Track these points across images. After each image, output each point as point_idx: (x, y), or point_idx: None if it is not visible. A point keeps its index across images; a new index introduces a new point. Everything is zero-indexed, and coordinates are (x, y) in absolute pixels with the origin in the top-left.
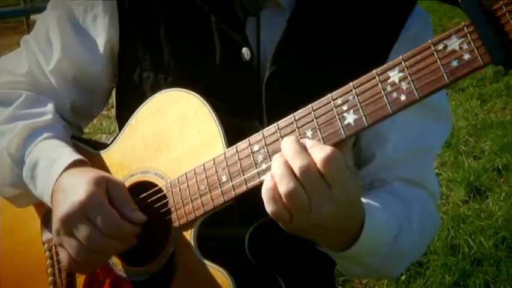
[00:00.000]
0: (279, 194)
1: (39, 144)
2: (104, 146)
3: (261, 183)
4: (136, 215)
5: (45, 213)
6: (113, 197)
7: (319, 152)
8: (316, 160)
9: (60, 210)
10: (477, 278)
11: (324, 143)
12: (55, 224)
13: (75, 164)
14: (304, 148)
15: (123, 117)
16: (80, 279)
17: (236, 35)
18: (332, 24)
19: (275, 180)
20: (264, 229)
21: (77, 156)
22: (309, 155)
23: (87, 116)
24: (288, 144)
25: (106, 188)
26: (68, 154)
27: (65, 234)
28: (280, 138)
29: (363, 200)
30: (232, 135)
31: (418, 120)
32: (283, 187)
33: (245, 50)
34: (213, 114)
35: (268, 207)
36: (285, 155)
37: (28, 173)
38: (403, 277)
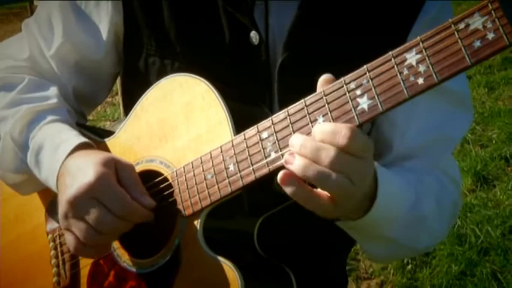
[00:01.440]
0: (312, 189)
1: (44, 128)
2: (109, 133)
3: (269, 173)
4: (146, 199)
5: (49, 203)
6: (122, 179)
7: (337, 134)
8: (339, 144)
9: (68, 192)
10: (484, 267)
11: None
12: (62, 207)
13: (81, 147)
14: (320, 141)
15: (129, 104)
16: (84, 271)
17: (244, 19)
18: (346, 9)
19: (311, 182)
20: (273, 220)
21: (82, 139)
22: (329, 144)
23: (91, 103)
24: (302, 143)
25: (115, 169)
26: (74, 137)
27: (73, 216)
28: (290, 125)
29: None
30: (241, 122)
31: (439, 109)
32: (328, 185)
33: (253, 34)
34: (221, 100)
35: (308, 207)
36: (307, 154)
37: (32, 157)
38: (409, 266)
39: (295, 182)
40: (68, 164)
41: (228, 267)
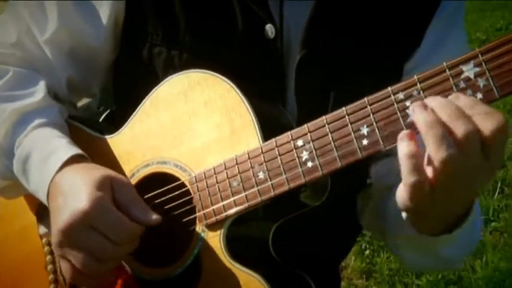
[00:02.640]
0: (422, 161)
1: (31, 134)
2: (106, 127)
3: (305, 183)
4: (149, 217)
5: (40, 204)
6: (120, 199)
7: (488, 119)
8: (483, 128)
9: (60, 219)
10: None
11: (383, 141)
12: (55, 236)
13: (72, 160)
14: (462, 111)
15: (124, 94)
16: None
17: (260, 11)
18: (362, 6)
19: (428, 142)
20: (287, 225)
21: (74, 151)
22: (472, 119)
23: (84, 93)
24: (444, 104)
25: (111, 188)
26: (64, 147)
27: (68, 246)
28: (329, 134)
29: None
30: (265, 125)
31: (438, 41)
32: (444, 153)
33: (269, 27)
34: (246, 102)
35: (411, 178)
36: (442, 115)
37: (19, 165)
38: (367, 251)
39: (412, 143)
40: (59, 180)
41: (257, 280)
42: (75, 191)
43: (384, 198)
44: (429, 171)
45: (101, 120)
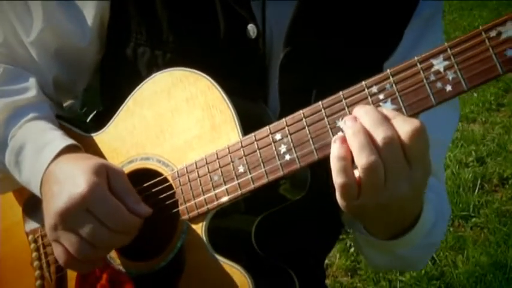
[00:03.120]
0: (351, 165)
1: (25, 126)
2: (95, 127)
3: (283, 176)
4: (141, 208)
5: (27, 200)
6: (114, 188)
7: (406, 124)
8: (401, 133)
9: (57, 203)
10: None
11: None
12: (51, 218)
13: (67, 150)
14: (385, 118)
15: (109, 94)
16: (72, 273)
17: (242, 11)
18: (343, 5)
19: (352, 150)
20: (269, 219)
21: (69, 141)
22: (393, 125)
23: (70, 93)
24: (368, 112)
25: (106, 176)
26: (59, 138)
27: (63, 229)
28: (306, 128)
29: None
30: (245, 121)
31: (430, 112)
32: (364, 159)
33: (251, 27)
34: (226, 98)
35: (338, 179)
36: (365, 124)
37: (12, 157)
38: (352, 249)
39: (342, 146)
40: (53, 169)
41: (238, 271)
42: (72, 178)
43: None
44: (356, 176)
45: (88, 120)
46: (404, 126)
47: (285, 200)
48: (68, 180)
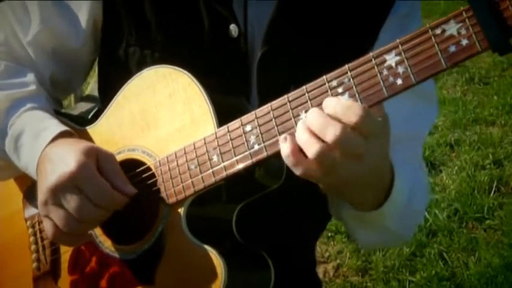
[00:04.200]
0: (302, 156)
1: (23, 115)
2: (89, 121)
3: (252, 164)
4: (128, 188)
5: (27, 189)
6: (103, 168)
7: (350, 114)
8: (349, 123)
9: (49, 179)
10: (432, 248)
11: None
12: (42, 194)
13: (62, 135)
14: (330, 116)
15: (106, 92)
16: (65, 256)
17: (224, 11)
18: (321, 4)
19: (302, 147)
20: (251, 207)
21: (64, 128)
22: (338, 121)
23: (67, 90)
24: (312, 119)
25: (96, 158)
26: (55, 125)
27: (53, 204)
28: (273, 119)
29: None
30: (223, 113)
31: (406, 106)
32: (311, 150)
33: (233, 27)
34: (204, 93)
35: (296, 172)
36: (313, 129)
37: (11, 144)
38: (363, 250)
39: (288, 145)
40: (48, 151)
41: (212, 254)
42: (63, 158)
43: None
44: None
45: (89, 117)
46: (350, 114)
47: (263, 188)
48: (60, 160)
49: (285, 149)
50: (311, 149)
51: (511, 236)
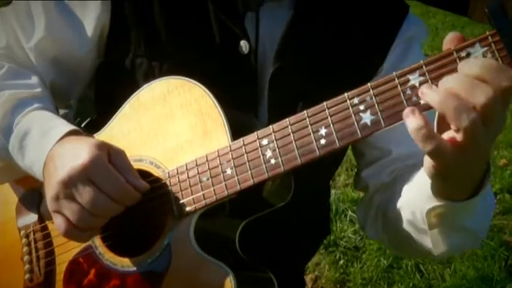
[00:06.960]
0: (432, 129)
1: (30, 114)
2: (92, 130)
3: (268, 178)
4: (140, 182)
5: (22, 196)
6: (115, 164)
7: (501, 77)
8: (501, 87)
9: (60, 173)
10: (409, 260)
11: (338, 141)
12: (53, 189)
13: (71, 134)
14: (476, 77)
15: (105, 101)
16: (60, 267)
17: (235, 27)
18: (333, 23)
19: (448, 114)
20: (254, 225)
21: (72, 126)
22: (487, 82)
23: (65, 99)
24: (457, 81)
25: (108, 153)
26: (64, 124)
27: (64, 197)
28: (291, 134)
29: None
30: (233, 129)
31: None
32: (465, 121)
33: (243, 43)
34: (218, 106)
35: (426, 147)
36: (460, 92)
37: (16, 142)
38: (341, 261)
39: (416, 117)
40: (58, 148)
41: (221, 269)
42: (74, 152)
43: (385, 198)
44: (446, 136)
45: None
46: (503, 77)
47: (268, 206)
48: (71, 154)
49: (414, 121)
50: (465, 115)
51: (484, 249)
